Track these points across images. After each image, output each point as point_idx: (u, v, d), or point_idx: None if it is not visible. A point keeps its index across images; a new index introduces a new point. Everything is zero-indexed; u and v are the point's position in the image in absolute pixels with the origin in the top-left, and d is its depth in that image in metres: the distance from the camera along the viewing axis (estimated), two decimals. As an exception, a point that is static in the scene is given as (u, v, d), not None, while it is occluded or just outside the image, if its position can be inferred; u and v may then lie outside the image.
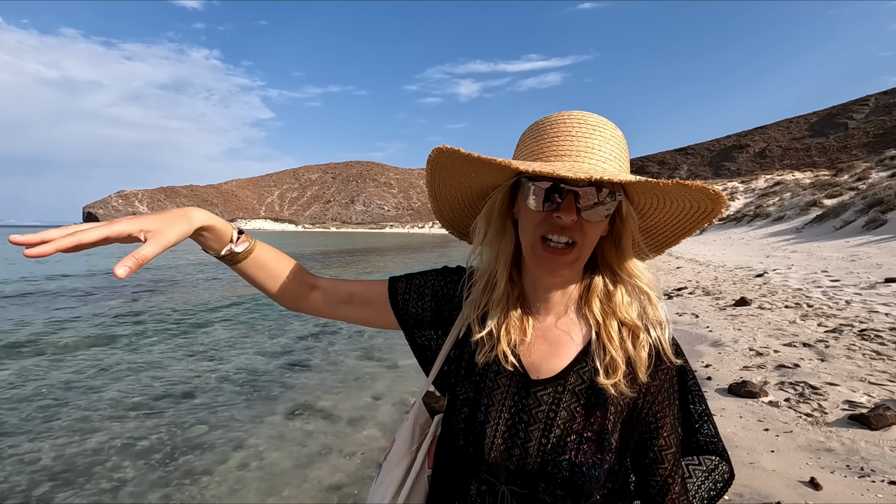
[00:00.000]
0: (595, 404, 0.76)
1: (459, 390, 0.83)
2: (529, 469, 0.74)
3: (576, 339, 0.81)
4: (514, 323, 0.82)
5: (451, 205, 0.91)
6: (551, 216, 0.73)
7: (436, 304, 0.92)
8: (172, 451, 4.07)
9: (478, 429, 0.78)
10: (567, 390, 0.77)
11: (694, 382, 0.85)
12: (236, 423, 4.62)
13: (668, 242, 0.86)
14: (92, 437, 4.37)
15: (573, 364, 0.79)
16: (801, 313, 6.97)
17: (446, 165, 0.79)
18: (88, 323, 9.70)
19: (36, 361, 6.91)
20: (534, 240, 0.76)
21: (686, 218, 0.80)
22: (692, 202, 0.75)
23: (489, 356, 0.81)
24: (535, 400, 0.78)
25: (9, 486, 3.60)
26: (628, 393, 0.76)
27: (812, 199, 26.02)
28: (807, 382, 4.16)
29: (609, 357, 0.77)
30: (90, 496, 3.44)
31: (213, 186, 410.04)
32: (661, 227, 0.84)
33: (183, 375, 6.24)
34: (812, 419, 3.50)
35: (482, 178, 0.82)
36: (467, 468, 0.78)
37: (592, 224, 0.74)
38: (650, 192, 0.76)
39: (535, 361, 0.80)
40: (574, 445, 0.74)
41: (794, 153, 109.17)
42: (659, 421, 0.79)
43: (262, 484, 3.55)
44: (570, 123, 0.74)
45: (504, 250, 0.83)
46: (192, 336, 8.52)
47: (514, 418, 0.78)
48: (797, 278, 10.52)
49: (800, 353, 5.04)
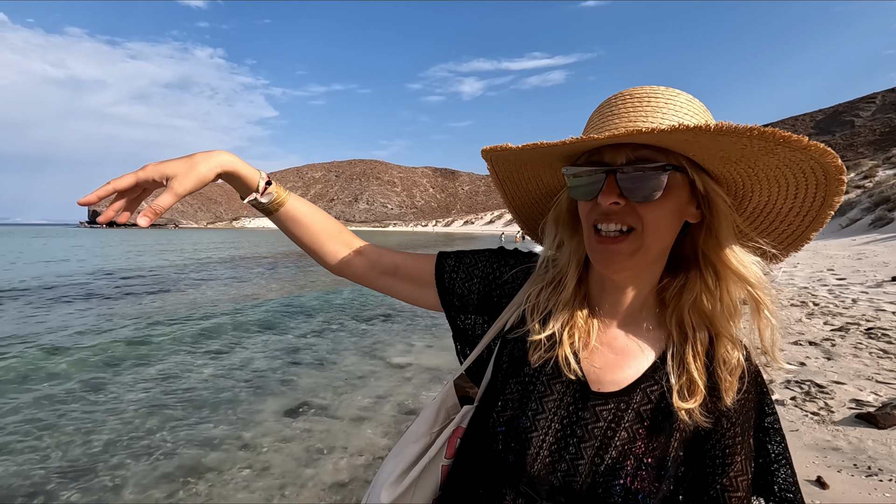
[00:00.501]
0: (660, 428, 0.68)
1: (504, 389, 0.75)
2: (577, 489, 0.66)
3: (647, 352, 0.72)
4: (578, 325, 0.74)
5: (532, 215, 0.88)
6: (596, 202, 0.66)
7: (484, 288, 0.84)
8: (175, 449, 4.08)
9: (521, 436, 0.70)
10: (631, 409, 0.69)
11: (775, 419, 0.72)
12: (240, 422, 4.63)
13: (799, 231, 0.71)
14: (97, 435, 4.38)
15: (641, 380, 0.70)
16: (807, 311, 6.93)
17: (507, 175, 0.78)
18: (93, 321, 9.75)
19: (41, 360, 6.95)
20: (588, 231, 0.69)
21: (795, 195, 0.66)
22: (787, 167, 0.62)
23: (545, 357, 0.72)
24: (593, 414, 0.69)
25: (17, 482, 3.62)
26: (702, 422, 0.67)
27: (818, 197, 25.86)
28: (813, 381, 4.13)
29: (687, 377, 0.68)
30: (95, 493, 3.45)
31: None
32: (770, 212, 0.71)
33: (186, 373, 6.26)
34: (818, 418, 3.48)
35: (544, 180, 0.79)
36: (503, 476, 0.70)
37: (650, 206, 0.64)
38: (718, 156, 0.63)
39: (598, 372, 0.72)
40: (631, 471, 0.66)
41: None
42: (728, 456, 0.68)
43: (265, 483, 3.55)
44: (619, 100, 0.67)
45: (575, 251, 0.76)
46: (196, 334, 8.55)
47: (565, 430, 0.69)
48: (803, 276, 10.46)
49: (806, 352, 5.01)
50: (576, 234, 0.76)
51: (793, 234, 0.72)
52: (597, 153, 0.66)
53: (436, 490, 0.80)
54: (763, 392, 0.72)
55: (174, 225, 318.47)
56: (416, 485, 0.79)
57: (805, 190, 0.65)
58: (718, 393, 0.68)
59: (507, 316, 0.80)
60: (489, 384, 0.79)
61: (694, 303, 0.70)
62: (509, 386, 0.74)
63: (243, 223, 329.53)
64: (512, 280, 0.83)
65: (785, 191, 0.67)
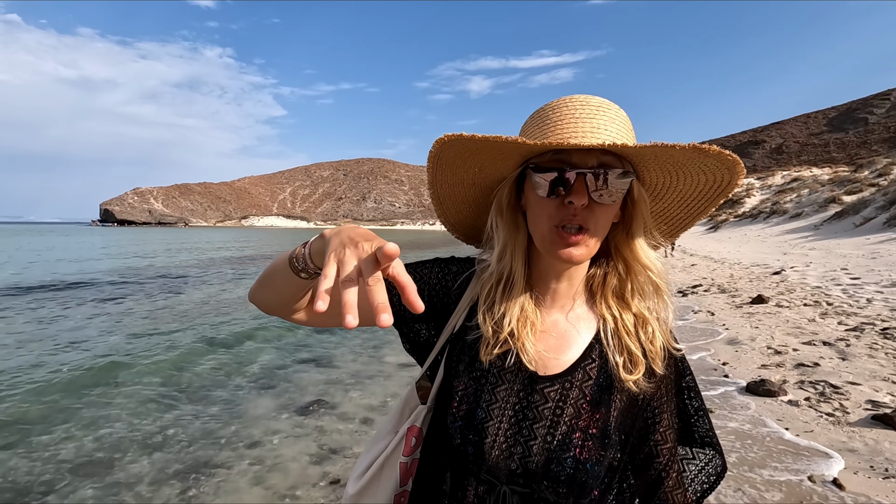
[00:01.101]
0: (600, 401, 0.75)
1: (457, 385, 0.79)
2: (533, 468, 0.72)
3: (583, 334, 0.79)
4: (526, 318, 0.79)
5: (455, 205, 0.88)
6: (563, 203, 0.70)
7: (432, 297, 0.87)
8: (187, 446, 4.12)
9: (478, 427, 0.74)
10: (574, 386, 0.75)
11: (691, 378, 0.82)
12: (251, 419, 4.66)
13: (682, 226, 0.84)
14: (110, 430, 4.44)
15: (581, 360, 0.77)
16: (821, 311, 6.84)
17: (449, 160, 0.77)
18: (105, 319, 9.87)
19: (54, 356, 7.05)
20: (548, 228, 0.73)
21: (701, 195, 0.77)
22: (708, 174, 0.72)
23: (498, 351, 0.77)
24: (542, 396, 0.75)
25: (33, 477, 3.68)
26: (647, 388, 0.75)
27: (831, 196, 25.52)
28: (828, 381, 4.07)
29: (629, 352, 0.76)
30: (109, 488, 3.49)
31: (227, 184, 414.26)
32: (674, 208, 0.82)
33: (198, 371, 6.32)
34: (834, 419, 3.43)
35: (486, 170, 0.79)
36: (464, 468, 0.75)
37: (604, 208, 0.71)
38: (664, 167, 0.73)
39: (543, 357, 0.78)
40: (579, 443, 0.72)
41: (812, 149, 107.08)
42: (657, 416, 0.78)
43: (275, 481, 3.57)
44: (573, 106, 0.71)
45: (519, 246, 0.80)
46: (206, 332, 8.63)
47: (517, 415, 0.75)
48: (816, 276, 10.33)
49: (820, 352, 4.95)
50: (518, 231, 0.80)
51: (670, 232, 0.86)
52: (564, 153, 0.70)
53: (395, 486, 0.83)
54: (679, 358, 0.81)
55: (184, 223, 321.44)
56: (377, 480, 0.83)
57: (707, 196, 0.77)
58: (654, 363, 0.77)
59: (455, 319, 0.84)
60: (442, 384, 0.82)
61: (614, 290, 0.80)
62: (463, 383, 0.78)
63: (252, 221, 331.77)
64: (456, 285, 0.87)
65: (684, 200, 0.79)
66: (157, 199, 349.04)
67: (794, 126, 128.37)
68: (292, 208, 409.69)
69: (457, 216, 0.91)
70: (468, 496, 0.74)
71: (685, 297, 9.02)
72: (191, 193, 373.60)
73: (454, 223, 0.92)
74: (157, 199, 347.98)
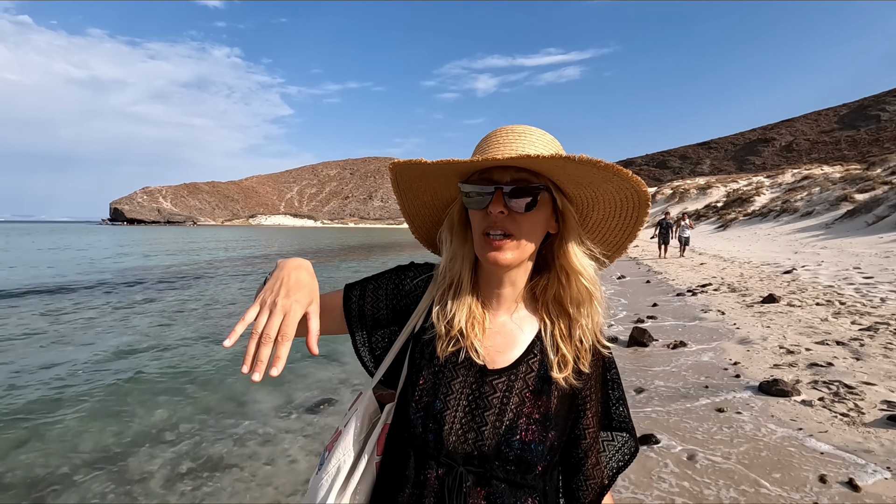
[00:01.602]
0: (542, 390, 0.87)
1: (418, 381, 0.88)
2: (486, 450, 0.82)
3: (526, 333, 0.91)
4: (475, 319, 0.90)
5: (424, 224, 1.04)
6: (486, 213, 0.83)
7: (392, 302, 0.99)
8: (200, 442, 4.15)
9: (437, 416, 0.84)
10: (519, 378, 0.87)
11: (615, 371, 0.95)
12: (260, 417, 4.68)
13: (624, 239, 0.96)
14: (122, 426, 4.49)
15: (524, 355, 0.89)
16: (834, 311, 6.76)
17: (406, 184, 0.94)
18: (116, 315, 9.97)
19: (68, 351, 7.13)
20: (479, 236, 0.86)
21: (622, 208, 0.90)
22: (611, 185, 0.84)
23: (452, 349, 0.88)
24: (491, 388, 0.86)
25: (48, 469, 3.74)
26: (575, 384, 0.88)
27: (842, 194, 25.23)
28: (842, 381, 4.03)
29: (561, 353, 0.88)
30: (120, 482, 3.53)
31: (234, 182, 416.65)
32: (608, 221, 0.94)
33: (209, 366, 6.37)
34: (848, 419, 3.39)
35: (439, 192, 0.96)
36: (425, 454, 0.84)
37: (525, 216, 0.83)
38: (573, 180, 0.85)
39: (491, 353, 0.89)
40: (524, 427, 0.83)
41: (823, 146, 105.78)
42: (587, 403, 0.91)
43: (285, 479, 3.59)
44: (501, 133, 0.86)
45: (467, 256, 0.92)
46: (217, 329, 8.69)
47: (471, 405, 0.85)
48: (828, 275, 10.22)
49: (833, 352, 4.89)
50: (466, 242, 0.92)
51: (617, 244, 0.97)
52: (487, 172, 0.84)
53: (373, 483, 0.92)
54: (606, 356, 0.93)
55: (192, 222, 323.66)
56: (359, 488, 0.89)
57: (627, 211, 0.90)
58: (581, 361, 0.90)
59: (415, 319, 0.95)
60: (406, 379, 0.91)
61: (554, 296, 0.92)
62: (423, 377, 0.88)
63: (259, 220, 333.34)
64: (415, 288, 0.98)
65: (613, 211, 0.91)
66: (166, 198, 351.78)
67: (804, 123, 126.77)
68: (299, 207, 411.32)
69: (427, 233, 1.06)
70: (430, 478, 0.83)
71: (694, 297, 8.95)
72: (199, 192, 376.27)
73: (426, 239, 1.07)
74: (165, 199, 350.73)
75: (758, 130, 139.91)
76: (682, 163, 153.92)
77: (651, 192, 47.48)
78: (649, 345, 5.69)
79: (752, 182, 45.95)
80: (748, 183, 46.51)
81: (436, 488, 0.83)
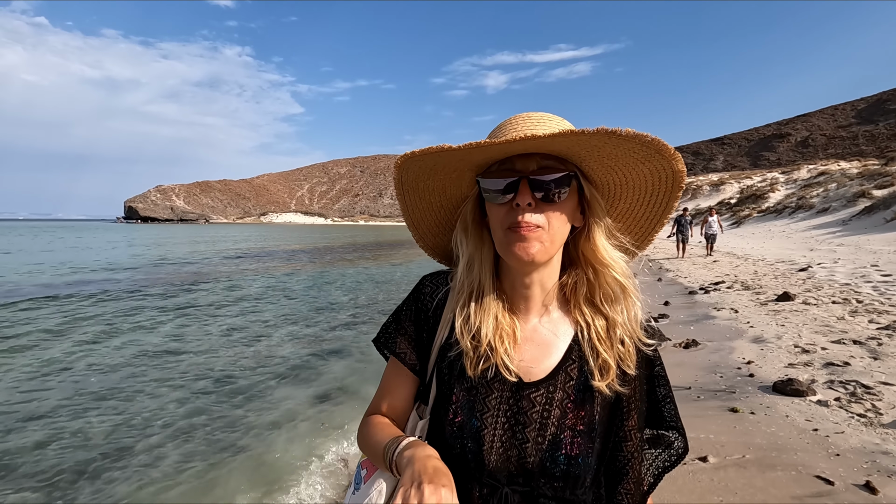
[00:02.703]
0: (584, 399, 0.80)
1: (451, 398, 0.83)
2: (530, 468, 0.77)
3: (561, 338, 0.84)
4: (504, 329, 0.83)
5: (430, 230, 0.94)
6: (512, 206, 0.76)
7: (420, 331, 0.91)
8: (212, 432, 4.21)
9: (475, 435, 0.79)
10: (558, 389, 0.81)
11: (661, 367, 0.88)
12: (277, 410, 4.73)
13: (651, 228, 0.89)
14: (139, 416, 4.56)
15: (562, 363, 0.82)
16: (850, 309, 6.64)
17: (412, 183, 0.85)
18: (132, 310, 10.12)
19: (84, 346, 7.26)
20: (502, 232, 0.78)
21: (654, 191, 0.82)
22: (645, 164, 0.77)
23: (483, 365, 0.81)
24: (529, 402, 0.80)
25: (63, 459, 3.84)
26: (620, 390, 0.81)
27: (860, 190, 24.73)
28: (859, 381, 3.95)
29: (601, 358, 0.81)
30: (137, 470, 3.59)
31: (246, 181, 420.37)
32: (636, 207, 0.87)
33: (222, 361, 6.44)
34: (866, 420, 3.32)
35: (448, 189, 0.87)
36: (466, 475, 0.79)
37: (553, 207, 0.77)
38: (604, 164, 0.79)
39: (526, 364, 0.83)
40: (569, 441, 0.78)
41: (840, 142, 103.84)
42: (632, 404, 0.84)
43: (301, 471, 3.62)
44: (516, 120, 0.80)
45: (486, 258, 0.85)
46: (233, 323, 8.78)
47: (510, 421, 0.80)
48: (844, 272, 10.03)
49: (850, 351, 4.80)
50: (484, 244, 0.85)
51: (643, 234, 0.90)
52: (508, 162, 0.78)
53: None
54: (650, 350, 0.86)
55: (205, 220, 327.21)
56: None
57: (658, 196, 0.83)
58: (624, 364, 0.82)
59: (441, 333, 0.87)
60: (437, 397, 0.86)
61: (585, 295, 0.85)
62: (455, 395, 0.83)
63: (270, 218, 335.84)
64: (438, 306, 0.90)
65: (643, 196, 0.84)
66: (179, 196, 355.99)
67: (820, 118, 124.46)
68: (310, 205, 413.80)
69: (433, 240, 0.97)
70: (473, 499, 0.79)
71: (707, 295, 8.84)
72: (211, 190, 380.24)
73: (432, 246, 0.98)
74: (178, 197, 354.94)
75: (772, 126, 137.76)
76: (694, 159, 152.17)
77: (663, 188, 47.37)
78: (661, 343, 5.63)
79: (766, 178, 45.28)
80: (762, 179, 45.83)
81: None
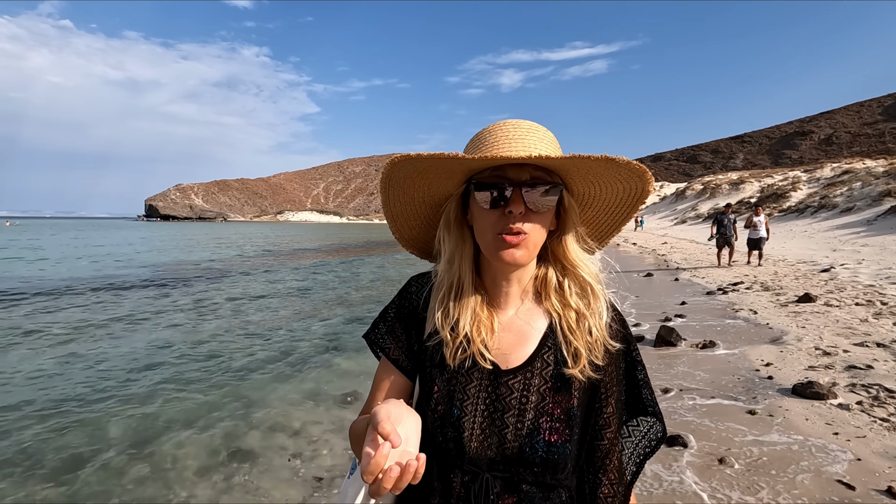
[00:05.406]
0: (561, 386, 0.83)
1: (432, 389, 0.86)
2: (509, 454, 0.80)
3: (536, 328, 0.88)
4: (482, 321, 0.87)
5: (408, 222, 0.97)
6: (503, 213, 0.80)
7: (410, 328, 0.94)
8: (228, 431, 4.27)
9: (455, 424, 0.82)
10: (535, 375, 0.84)
11: (637, 353, 0.91)
12: (290, 410, 4.78)
13: (609, 231, 0.97)
14: (153, 413, 4.66)
15: (538, 350, 0.86)
16: (874, 311, 6.48)
17: (399, 180, 0.87)
18: (146, 306, 10.34)
19: (100, 341, 7.45)
20: (492, 237, 0.82)
21: (621, 202, 0.90)
22: (623, 183, 0.84)
23: (462, 356, 0.85)
24: (507, 388, 0.83)
25: (80, 452, 3.94)
26: (594, 376, 0.84)
27: (886, 189, 24.08)
28: (882, 385, 3.86)
29: (573, 347, 0.84)
30: (152, 466, 3.67)
31: (263, 179, 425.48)
32: (601, 215, 0.94)
33: (235, 356, 6.55)
34: (889, 424, 3.25)
35: (434, 188, 0.90)
36: (448, 461, 0.83)
37: (538, 215, 0.81)
38: (586, 178, 0.85)
39: (503, 353, 0.86)
40: (547, 426, 0.80)
41: (866, 139, 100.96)
42: (609, 392, 0.87)
43: (314, 471, 3.67)
44: (507, 129, 0.83)
45: (466, 255, 0.89)
46: (247, 322, 8.92)
47: (489, 409, 0.83)
48: (868, 274, 9.79)
49: (873, 354, 4.69)
50: (465, 241, 0.89)
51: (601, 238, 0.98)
52: (500, 170, 0.80)
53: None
54: (626, 335, 0.90)
55: (222, 218, 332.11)
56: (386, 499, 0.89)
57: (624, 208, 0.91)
58: (593, 355, 0.85)
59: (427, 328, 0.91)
60: (420, 388, 0.90)
61: (555, 288, 0.90)
62: (437, 385, 0.86)
63: (286, 216, 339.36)
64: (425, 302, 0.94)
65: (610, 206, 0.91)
66: (198, 194, 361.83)
67: (845, 115, 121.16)
68: (325, 203, 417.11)
69: (410, 232, 1.00)
70: (454, 486, 0.82)
71: (725, 295, 8.71)
72: (229, 189, 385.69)
73: (408, 238, 1.01)
74: (197, 195, 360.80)
75: (795, 123, 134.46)
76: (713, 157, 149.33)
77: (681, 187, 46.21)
78: (678, 344, 5.57)
79: (787, 177, 44.26)
80: (784, 178, 44.82)
81: (462, 496, 0.81)
